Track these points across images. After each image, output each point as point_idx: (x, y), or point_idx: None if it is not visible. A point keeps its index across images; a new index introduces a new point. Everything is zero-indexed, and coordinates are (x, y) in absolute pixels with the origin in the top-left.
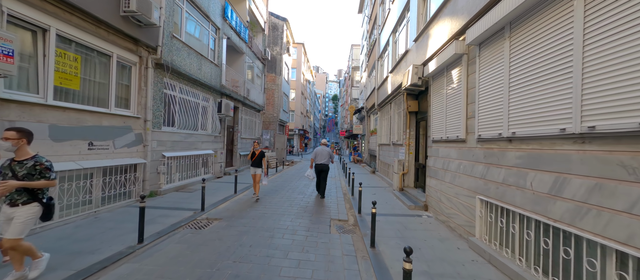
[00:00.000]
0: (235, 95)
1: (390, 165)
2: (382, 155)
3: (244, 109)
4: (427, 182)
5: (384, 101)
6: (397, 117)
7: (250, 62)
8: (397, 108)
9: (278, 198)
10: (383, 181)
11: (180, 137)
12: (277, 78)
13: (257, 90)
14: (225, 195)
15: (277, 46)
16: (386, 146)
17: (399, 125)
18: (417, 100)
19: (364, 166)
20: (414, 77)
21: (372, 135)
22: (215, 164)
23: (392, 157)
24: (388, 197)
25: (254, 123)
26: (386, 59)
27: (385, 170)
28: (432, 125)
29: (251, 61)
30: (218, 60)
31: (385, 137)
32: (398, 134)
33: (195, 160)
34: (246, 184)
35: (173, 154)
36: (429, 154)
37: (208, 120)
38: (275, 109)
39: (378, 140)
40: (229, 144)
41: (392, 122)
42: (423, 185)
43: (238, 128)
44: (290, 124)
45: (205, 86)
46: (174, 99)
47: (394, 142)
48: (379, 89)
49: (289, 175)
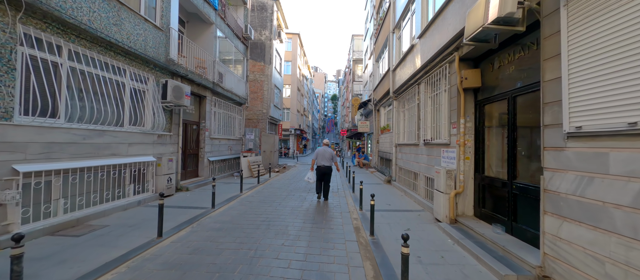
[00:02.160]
0: (198, 78)
1: (418, 175)
2: (402, 159)
3: (215, 99)
4: (547, 224)
5: (405, 84)
6: (433, 103)
7: (222, 36)
8: (433, 88)
9: (223, 253)
10: (408, 197)
11: (73, 136)
12: (267, 68)
13: (235, 78)
14: (150, 236)
15: (265, 30)
16: (408, 147)
17: (438, 114)
18: (478, 69)
19: (373, 172)
20: (508, 3)
21: (384, 133)
22: (159, 176)
23: (422, 164)
24: (437, 241)
25: (231, 119)
26: (408, 24)
27: (407, 181)
28: (570, 98)
29: (225, 36)
30: (162, 21)
31: (407, 134)
32: (436, 128)
33: (112, 174)
34: (203, 208)
35: (49, 166)
36: (549, 165)
37: (144, 110)
38: (264, 104)
39: (394, 139)
40: (191, 146)
41: (423, 111)
42: (492, 213)
43: (206, 124)
44: (285, 123)
45: (136, 57)
46: (56, 69)
47: (426, 140)
48: (395, 70)
49: (277, 186)
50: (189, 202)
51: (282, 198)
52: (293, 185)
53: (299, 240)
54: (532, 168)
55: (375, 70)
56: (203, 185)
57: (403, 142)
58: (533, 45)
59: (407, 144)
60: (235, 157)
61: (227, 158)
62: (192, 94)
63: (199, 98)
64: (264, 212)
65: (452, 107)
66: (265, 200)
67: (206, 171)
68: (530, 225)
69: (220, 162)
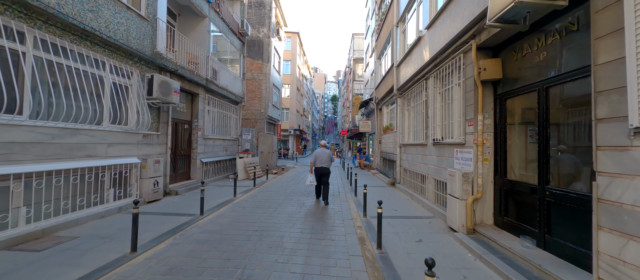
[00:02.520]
0: (189, 74)
1: (426, 177)
2: (408, 160)
3: (208, 97)
4: (603, 243)
5: (410, 81)
6: (444, 98)
7: (216, 31)
8: (444, 83)
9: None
10: (415, 202)
11: (39, 135)
12: (265, 66)
13: (231, 76)
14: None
15: (264, 27)
16: (414, 148)
17: (450, 111)
18: (499, 58)
19: (375, 174)
20: None
21: (387, 132)
22: (145, 180)
23: (430, 166)
24: (455, 255)
25: (227, 118)
26: (413, 15)
27: (414, 184)
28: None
29: (219, 31)
30: (148, 11)
31: (413, 133)
32: (447, 126)
33: (87, 178)
34: (190, 215)
35: (6, 170)
36: (605, 168)
37: (127, 107)
38: (262, 104)
39: (398, 139)
40: (182, 147)
41: (431, 108)
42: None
43: (198, 124)
44: (284, 123)
45: (117, 48)
46: (17, 59)
47: (436, 140)
48: (399, 66)
49: (274, 189)
50: (176, 208)
51: (278, 203)
52: (291, 188)
53: (295, 255)
54: (574, 171)
55: (377, 68)
56: (195, 189)
57: (408, 142)
58: (572, 26)
59: (413, 144)
60: (231, 158)
61: (222, 159)
62: (183, 91)
63: (191, 95)
64: (258, 219)
65: (468, 102)
66: (260, 205)
67: (199, 173)
68: (570, 239)
69: (214, 164)
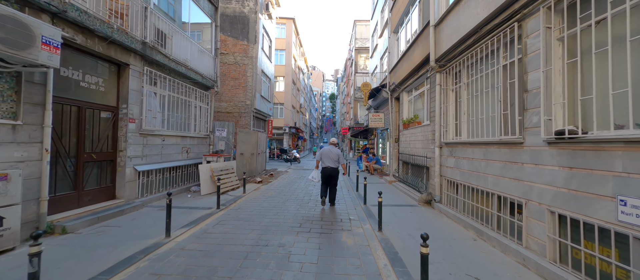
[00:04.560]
0: (106, 29)
1: (516, 203)
2: (459, 169)
3: (154, 73)
4: None
5: (472, 34)
6: (571, 54)
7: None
8: (571, 22)
9: None
10: (484, 242)
11: None
12: (251, 48)
13: (194, 48)
14: None
15: (249, 0)
16: (480, 149)
17: (588, 76)
18: None
19: (392, 182)
20: None
21: (410, 127)
22: None
23: (536, 185)
24: None
25: (189, 107)
26: None
27: (477, 209)
28: None
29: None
30: None
31: (473, 125)
32: (596, 106)
33: None
34: None
35: None
36: None
37: None
38: (247, 94)
39: (437, 134)
40: (95, 147)
41: (540, 72)
42: None
43: (129, 111)
44: (278, 120)
45: None
46: None
47: (559, 133)
48: (441, 23)
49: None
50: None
51: (242, 256)
52: (276, 209)
53: None
54: None
55: (393, 45)
56: (117, 216)
57: (461, 140)
58: None
59: (476, 143)
60: (196, 162)
61: (179, 165)
62: (100, 57)
63: (118, 67)
64: None
65: None
66: (209, 263)
67: (131, 189)
68: None
69: (162, 173)
